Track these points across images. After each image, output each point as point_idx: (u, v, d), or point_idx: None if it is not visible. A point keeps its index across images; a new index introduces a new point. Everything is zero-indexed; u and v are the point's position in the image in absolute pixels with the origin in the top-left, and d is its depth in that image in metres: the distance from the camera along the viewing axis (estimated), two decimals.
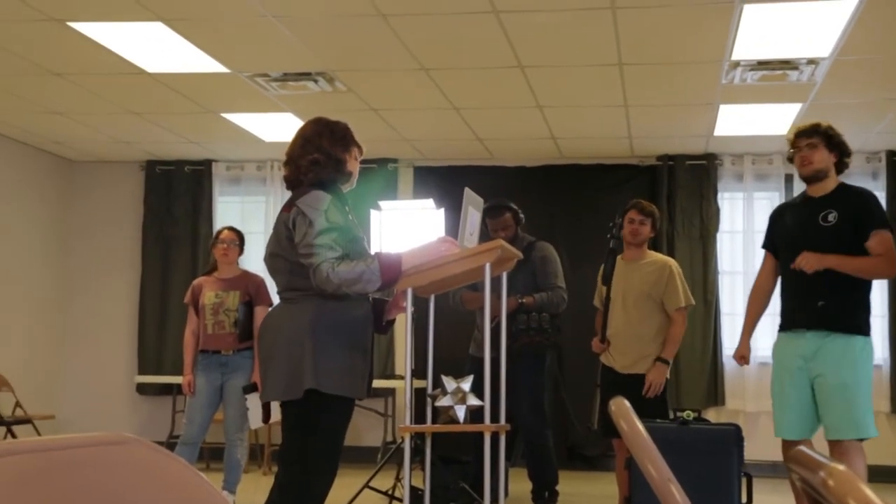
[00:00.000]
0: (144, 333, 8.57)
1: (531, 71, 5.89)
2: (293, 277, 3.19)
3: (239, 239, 5.67)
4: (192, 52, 5.63)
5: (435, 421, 3.43)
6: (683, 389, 7.72)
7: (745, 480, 4.38)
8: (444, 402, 3.29)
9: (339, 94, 6.44)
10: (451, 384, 3.30)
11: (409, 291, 3.27)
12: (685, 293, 5.17)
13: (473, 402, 3.28)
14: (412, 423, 3.44)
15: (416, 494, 4.46)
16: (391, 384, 7.74)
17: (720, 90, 6.24)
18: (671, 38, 5.31)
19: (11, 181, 8.12)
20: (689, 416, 4.50)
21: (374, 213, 5.62)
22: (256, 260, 4.89)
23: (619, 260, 5.21)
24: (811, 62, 5.66)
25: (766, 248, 4.53)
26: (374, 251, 3.32)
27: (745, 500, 4.38)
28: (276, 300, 3.41)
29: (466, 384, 3.31)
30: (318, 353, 3.09)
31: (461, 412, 3.27)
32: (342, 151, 3.34)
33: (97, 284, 8.75)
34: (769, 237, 4.50)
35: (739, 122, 7.08)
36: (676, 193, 8.02)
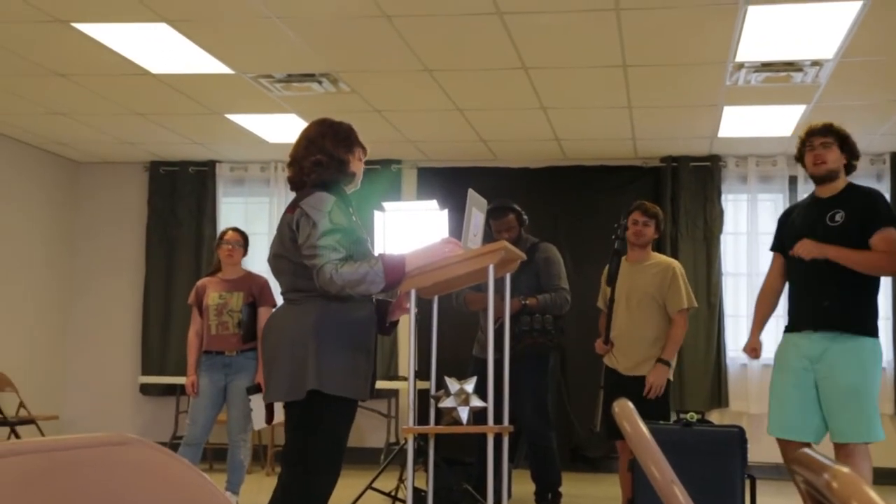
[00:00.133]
0: (148, 334, 8.57)
1: (535, 72, 5.89)
2: (297, 279, 3.19)
3: (243, 240, 5.67)
4: (195, 52, 5.64)
5: (438, 422, 3.43)
6: (687, 391, 7.71)
7: (748, 482, 4.37)
8: (447, 403, 3.29)
9: (342, 95, 6.44)
10: (454, 385, 3.30)
11: (412, 293, 3.27)
12: (688, 295, 5.17)
13: (477, 403, 3.28)
14: (415, 424, 3.45)
15: (419, 496, 4.47)
16: (394, 385, 7.75)
17: (724, 92, 6.23)
18: (675, 39, 5.30)
19: (16, 182, 8.13)
20: (692, 417, 4.49)
21: (377, 214, 5.62)
22: (260, 261, 4.90)
23: (623, 261, 5.22)
24: (815, 64, 5.65)
25: (774, 249, 4.48)
26: (377, 252, 3.32)
27: (748, 502, 4.37)
28: (279, 301, 3.41)
29: (470, 385, 3.31)
30: (321, 354, 3.09)
31: (464, 413, 3.27)
32: (345, 152, 3.33)
33: (101, 285, 8.76)
34: (778, 238, 4.46)
35: (743, 123, 7.07)
36: (680, 195, 8.01)
